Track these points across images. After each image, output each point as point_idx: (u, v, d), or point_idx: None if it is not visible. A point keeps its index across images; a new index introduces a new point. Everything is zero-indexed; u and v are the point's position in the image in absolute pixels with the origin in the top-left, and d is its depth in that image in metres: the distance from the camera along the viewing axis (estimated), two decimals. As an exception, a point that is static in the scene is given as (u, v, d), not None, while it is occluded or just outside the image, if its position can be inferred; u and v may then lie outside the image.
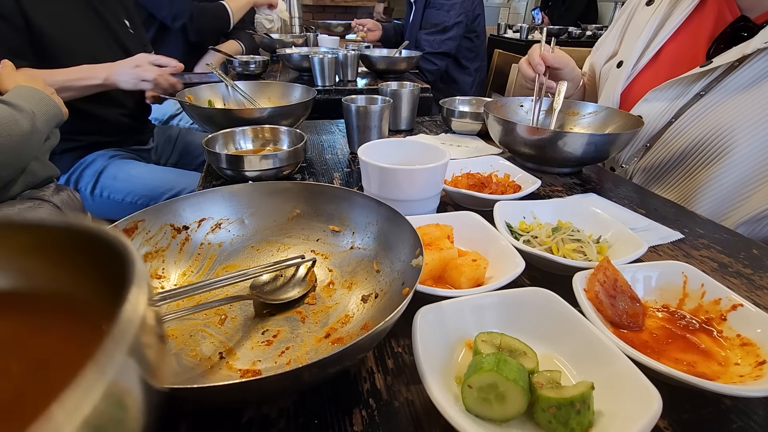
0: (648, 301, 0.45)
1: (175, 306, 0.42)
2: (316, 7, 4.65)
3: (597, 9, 4.57)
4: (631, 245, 0.51)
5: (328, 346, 0.39)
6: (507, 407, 0.31)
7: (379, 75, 1.71)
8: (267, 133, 0.85)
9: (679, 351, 0.39)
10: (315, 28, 2.65)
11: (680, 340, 0.41)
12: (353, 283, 0.47)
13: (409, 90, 1.03)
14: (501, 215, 0.57)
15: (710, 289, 0.43)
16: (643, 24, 0.90)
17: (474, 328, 0.39)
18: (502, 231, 0.54)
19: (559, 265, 0.49)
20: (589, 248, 0.53)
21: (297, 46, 2.02)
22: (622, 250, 0.52)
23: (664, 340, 0.41)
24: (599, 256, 0.51)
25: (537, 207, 0.61)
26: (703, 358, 0.39)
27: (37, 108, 0.81)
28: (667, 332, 0.42)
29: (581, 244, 0.53)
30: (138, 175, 1.24)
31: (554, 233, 0.55)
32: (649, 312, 0.44)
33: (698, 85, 0.79)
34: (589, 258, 0.51)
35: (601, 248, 0.54)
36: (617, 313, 0.41)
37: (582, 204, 0.61)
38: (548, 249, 0.54)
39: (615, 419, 0.31)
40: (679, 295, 0.45)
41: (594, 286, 0.42)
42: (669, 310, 0.44)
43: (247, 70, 1.63)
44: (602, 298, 0.41)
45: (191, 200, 0.49)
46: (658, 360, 0.34)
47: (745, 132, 0.73)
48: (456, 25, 1.97)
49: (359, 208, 0.50)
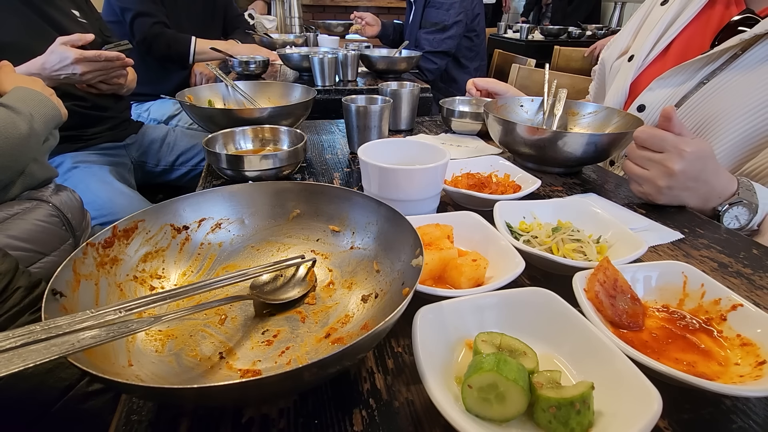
0: (648, 301, 0.45)
1: (175, 306, 0.42)
2: (316, 7, 4.65)
3: (600, 10, 4.56)
4: (631, 245, 0.51)
5: (328, 346, 0.39)
6: (507, 407, 0.31)
7: (379, 75, 1.71)
8: (267, 133, 0.85)
9: (679, 351, 0.39)
10: (315, 28, 2.65)
11: (680, 340, 0.41)
12: (353, 283, 0.47)
13: (409, 90, 1.03)
14: (501, 215, 0.57)
15: (710, 289, 0.43)
16: (656, 21, 0.92)
17: (474, 328, 0.39)
18: (502, 231, 0.54)
19: (559, 265, 0.49)
20: (589, 248, 0.53)
21: (297, 46, 2.02)
22: (622, 250, 0.52)
23: (664, 340, 0.41)
24: (599, 256, 0.51)
25: (537, 207, 0.61)
26: (703, 358, 0.39)
27: (35, 110, 0.80)
28: (667, 332, 0.42)
29: (581, 244, 0.53)
30: (96, 191, 1.22)
31: (554, 233, 0.55)
32: (649, 312, 0.44)
33: (701, 73, 0.80)
34: (589, 258, 0.51)
35: (601, 248, 0.54)
36: (617, 313, 0.41)
37: (582, 204, 0.61)
38: (548, 249, 0.54)
39: (615, 419, 0.31)
40: (679, 295, 0.45)
41: (594, 286, 0.42)
42: (669, 310, 0.44)
43: (247, 70, 1.63)
44: (602, 298, 0.41)
45: (191, 200, 0.49)
46: (658, 360, 0.34)
47: (739, 115, 0.74)
48: (456, 24, 1.97)
49: (359, 208, 0.50)
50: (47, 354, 0.26)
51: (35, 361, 0.26)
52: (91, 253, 0.39)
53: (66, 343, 0.28)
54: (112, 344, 0.35)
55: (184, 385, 0.26)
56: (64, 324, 0.29)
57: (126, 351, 0.36)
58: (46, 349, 0.27)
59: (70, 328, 0.29)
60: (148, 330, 0.39)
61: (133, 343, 0.37)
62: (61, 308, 0.33)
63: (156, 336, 0.39)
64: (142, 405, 0.35)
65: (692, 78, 0.82)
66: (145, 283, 0.44)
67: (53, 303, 0.33)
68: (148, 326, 0.33)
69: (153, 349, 0.38)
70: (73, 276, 0.36)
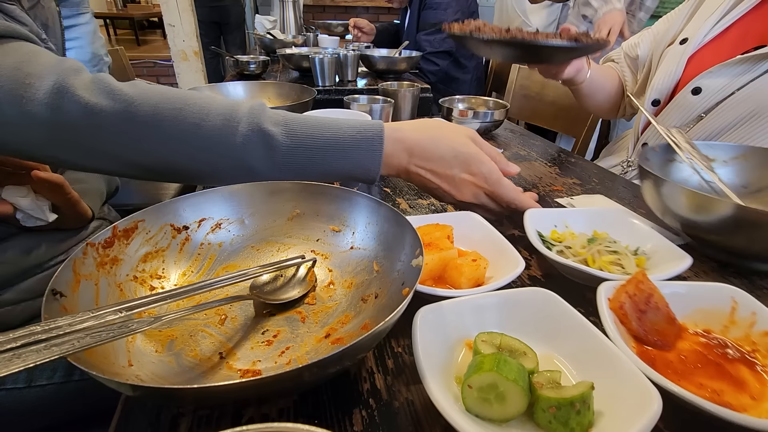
0: (687, 323, 0.42)
1: (175, 306, 0.42)
2: (316, 7, 4.66)
3: None
4: (672, 258, 0.48)
5: (328, 346, 0.39)
6: (507, 407, 0.31)
7: (379, 75, 1.71)
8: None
9: (707, 377, 0.37)
10: (315, 28, 2.65)
11: (711, 367, 0.38)
12: (353, 283, 0.47)
13: (409, 90, 1.03)
14: (532, 223, 0.54)
15: (763, 318, 0.40)
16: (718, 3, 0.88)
17: (474, 328, 0.39)
18: (533, 239, 0.52)
19: (595, 278, 0.46)
20: (627, 260, 0.50)
21: (297, 46, 2.02)
22: (663, 264, 0.49)
23: (693, 364, 0.38)
24: (638, 269, 0.49)
25: (570, 216, 0.59)
26: (733, 389, 0.36)
27: None
28: (699, 356, 0.39)
29: (619, 256, 0.51)
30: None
31: (590, 244, 0.53)
32: (686, 334, 0.41)
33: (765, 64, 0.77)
34: (628, 271, 0.49)
35: (639, 261, 0.51)
36: (643, 328, 0.39)
37: (618, 213, 0.59)
38: (583, 260, 0.51)
39: (615, 419, 0.31)
40: (724, 321, 0.42)
41: (620, 296, 0.40)
42: (709, 336, 0.41)
43: (247, 70, 1.63)
44: (628, 310, 0.40)
45: (191, 200, 0.49)
46: (678, 381, 0.33)
47: None
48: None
49: (359, 208, 0.50)
50: (47, 354, 0.26)
51: (35, 361, 0.26)
52: (91, 253, 0.39)
53: (66, 344, 0.28)
54: (112, 344, 0.35)
55: (184, 385, 0.26)
56: (65, 324, 0.29)
57: (126, 351, 0.36)
58: (46, 350, 0.27)
59: (71, 329, 0.29)
60: (148, 330, 0.39)
61: (133, 343, 0.37)
62: (61, 308, 0.33)
63: (156, 336, 0.39)
64: (142, 405, 0.35)
65: (754, 68, 0.78)
66: (145, 283, 0.44)
67: (53, 303, 0.33)
68: (148, 326, 0.33)
69: (153, 349, 0.38)
70: (73, 276, 0.36)
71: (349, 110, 0.86)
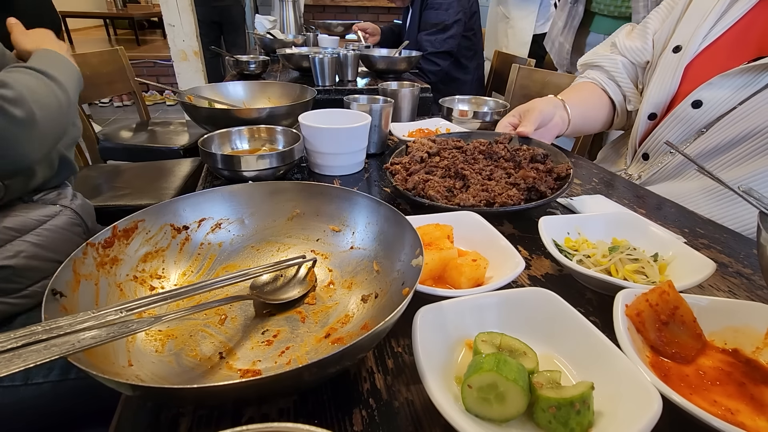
0: (715, 340, 0.40)
1: (175, 306, 0.42)
2: (316, 7, 4.66)
3: None
4: (694, 265, 0.47)
5: (328, 346, 0.39)
6: (507, 407, 0.31)
7: (379, 75, 1.71)
8: (263, 133, 0.85)
9: (724, 395, 0.35)
10: (315, 28, 2.65)
11: (732, 386, 0.36)
12: (353, 283, 0.47)
13: (409, 90, 1.03)
14: (547, 231, 0.53)
15: None
16: (709, 8, 0.83)
17: (474, 328, 0.39)
18: (550, 248, 0.50)
19: (619, 288, 0.43)
20: (650, 269, 0.48)
21: (297, 46, 2.02)
22: (684, 270, 0.47)
23: (711, 380, 0.37)
24: (662, 277, 0.48)
25: (584, 222, 0.57)
26: (752, 410, 0.34)
27: (65, 76, 0.75)
28: (720, 374, 0.37)
29: (641, 264, 0.49)
30: None
31: (611, 252, 0.51)
32: (711, 351, 0.40)
33: (766, 76, 0.73)
34: (653, 280, 0.47)
35: (660, 267, 0.49)
36: (662, 338, 0.38)
37: (636, 219, 0.57)
38: (605, 270, 0.49)
39: (615, 419, 0.31)
40: (758, 342, 0.39)
41: (639, 304, 0.39)
42: (738, 355, 0.39)
43: (247, 69, 1.63)
44: (646, 319, 0.39)
45: (191, 200, 0.49)
46: (690, 396, 0.32)
47: None
48: (456, 23, 1.97)
49: (359, 208, 0.50)
50: (47, 354, 0.27)
51: (35, 361, 0.26)
52: (91, 253, 0.39)
53: (66, 344, 0.28)
54: (112, 344, 0.35)
55: (184, 385, 0.26)
56: (65, 324, 0.29)
57: (126, 351, 0.36)
58: (46, 350, 0.27)
59: (71, 329, 0.29)
60: (148, 330, 0.39)
61: (133, 343, 0.37)
62: (61, 308, 0.33)
63: (156, 336, 0.39)
64: (142, 405, 0.35)
65: (755, 81, 0.74)
66: (145, 283, 0.44)
67: (53, 303, 0.33)
68: (148, 326, 0.33)
69: (153, 349, 0.38)
70: (73, 276, 0.36)
71: (349, 110, 0.86)
